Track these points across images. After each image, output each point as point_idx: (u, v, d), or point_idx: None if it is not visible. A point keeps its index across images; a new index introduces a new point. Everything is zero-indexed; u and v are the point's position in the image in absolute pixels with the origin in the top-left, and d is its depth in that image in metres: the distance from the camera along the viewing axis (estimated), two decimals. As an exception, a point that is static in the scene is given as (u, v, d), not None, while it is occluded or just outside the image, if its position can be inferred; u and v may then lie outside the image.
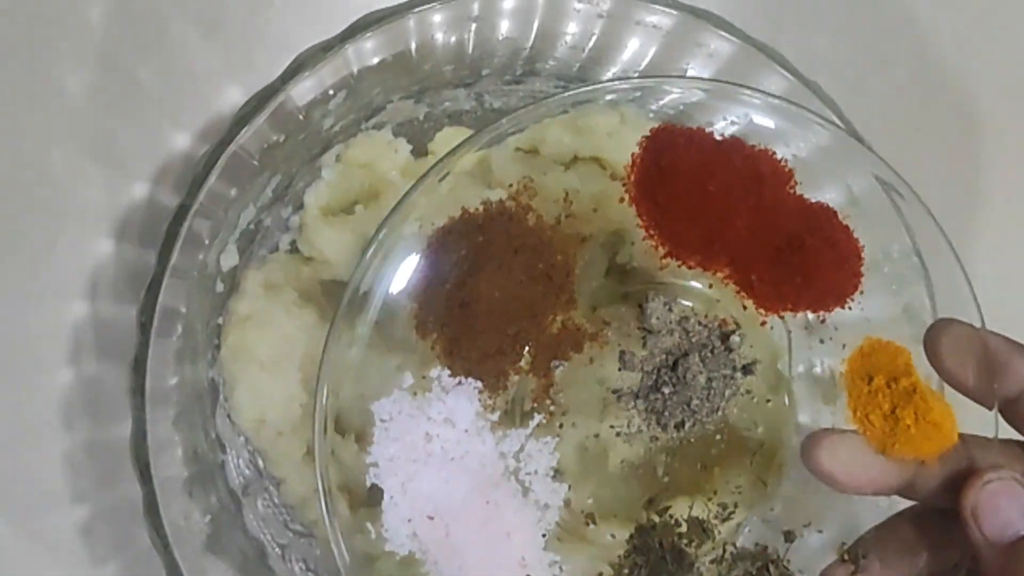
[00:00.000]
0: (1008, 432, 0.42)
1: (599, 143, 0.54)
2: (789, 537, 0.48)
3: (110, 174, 0.56)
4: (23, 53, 0.56)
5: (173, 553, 0.47)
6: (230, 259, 0.52)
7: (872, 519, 0.44)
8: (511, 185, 0.47)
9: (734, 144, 0.44)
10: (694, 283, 0.51)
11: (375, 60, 0.50)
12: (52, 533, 0.56)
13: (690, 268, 0.46)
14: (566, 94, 0.45)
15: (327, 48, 0.48)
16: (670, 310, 0.49)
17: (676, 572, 0.46)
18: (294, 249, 0.55)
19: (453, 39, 0.52)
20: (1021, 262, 0.63)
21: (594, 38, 0.52)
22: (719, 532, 0.48)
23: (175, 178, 0.57)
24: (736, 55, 0.51)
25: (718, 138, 0.44)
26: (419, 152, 0.55)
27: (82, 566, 0.56)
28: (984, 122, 0.63)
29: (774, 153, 0.44)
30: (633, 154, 0.44)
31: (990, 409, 0.41)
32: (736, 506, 0.50)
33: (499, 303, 0.44)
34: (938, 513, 0.41)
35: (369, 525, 0.44)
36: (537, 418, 0.47)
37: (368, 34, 0.49)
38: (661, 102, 0.52)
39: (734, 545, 0.47)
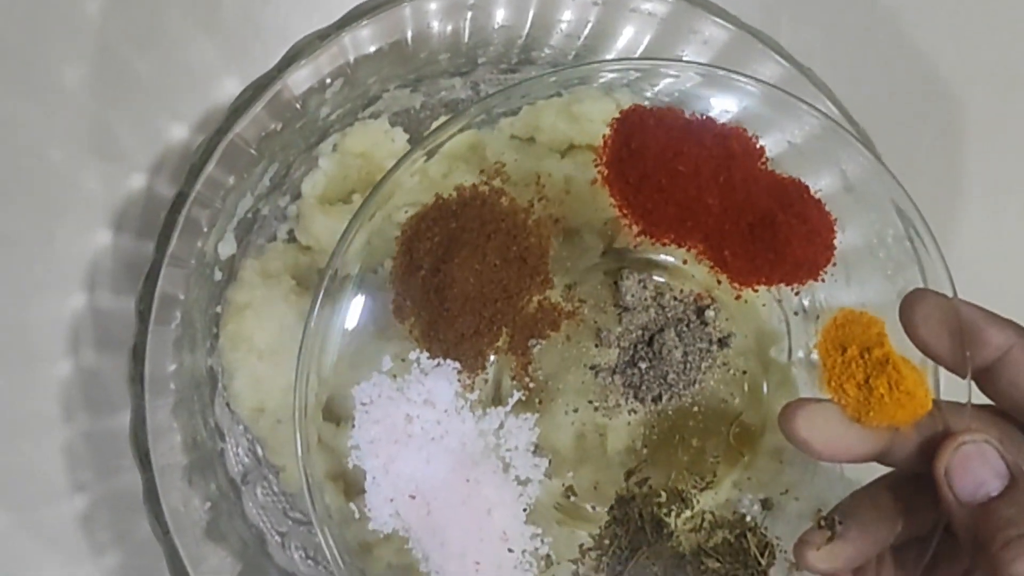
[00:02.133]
0: (983, 399, 0.43)
1: (595, 130, 0.54)
2: (766, 505, 0.49)
3: (108, 166, 0.57)
4: (21, 46, 0.56)
5: (173, 540, 0.47)
6: (228, 248, 0.52)
7: (848, 487, 0.44)
8: (482, 171, 0.48)
9: (704, 123, 0.44)
10: (669, 258, 0.52)
11: (371, 49, 0.50)
12: (52, 523, 0.56)
13: (664, 245, 0.46)
14: (558, 70, 0.45)
15: (323, 36, 0.49)
16: (644, 287, 0.51)
17: (655, 541, 0.47)
18: (292, 238, 0.55)
19: (449, 27, 0.52)
20: (1012, 244, 0.63)
21: (589, 26, 0.53)
22: (697, 501, 0.49)
23: (173, 169, 0.57)
24: (731, 42, 0.51)
25: (688, 117, 0.44)
26: (416, 141, 0.55)
27: (82, 556, 0.56)
28: (976, 108, 0.63)
29: (744, 130, 0.45)
30: (604, 135, 0.45)
31: (963, 378, 0.41)
32: (714, 475, 0.51)
33: (474, 287, 0.45)
34: (914, 479, 0.41)
35: (353, 506, 0.45)
36: (516, 395, 0.48)
37: (364, 22, 0.49)
38: (656, 88, 0.53)
39: (712, 514, 0.48)
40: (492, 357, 0.47)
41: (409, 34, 0.51)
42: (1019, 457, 0.39)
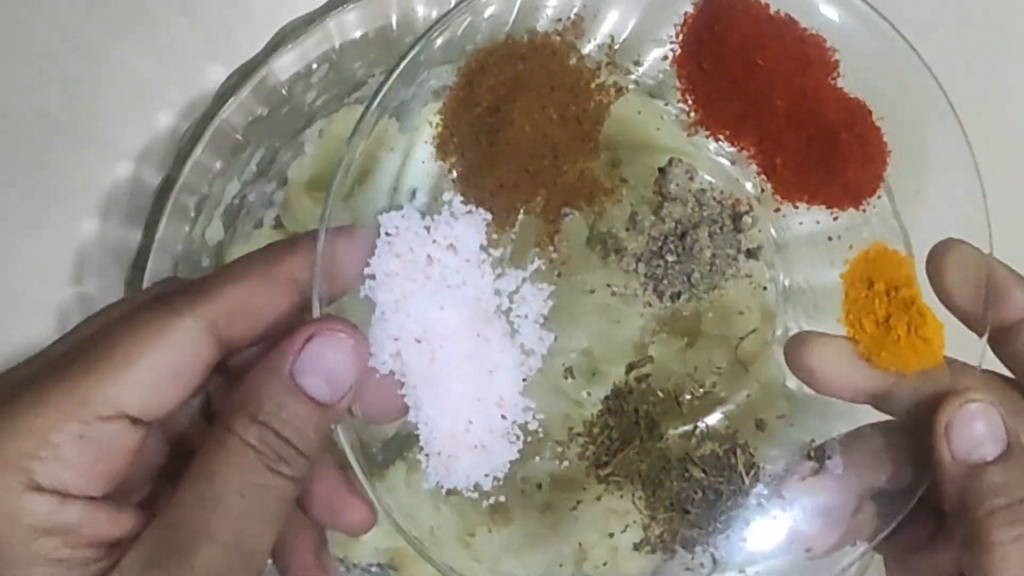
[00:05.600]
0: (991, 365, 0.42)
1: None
2: (760, 425, 0.48)
3: (95, 155, 0.57)
4: (3, 35, 0.56)
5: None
6: (215, 233, 0.52)
7: (845, 425, 0.44)
8: (559, 20, 0.46)
9: (787, 23, 0.43)
10: (716, 157, 0.50)
11: (357, 34, 0.51)
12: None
13: (717, 140, 0.45)
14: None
15: (309, 21, 0.49)
16: (691, 179, 0.49)
17: (646, 439, 0.46)
18: (278, 225, 0.55)
19: (434, 13, 0.52)
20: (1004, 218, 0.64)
21: (574, 11, 0.53)
22: (692, 408, 0.49)
23: (160, 158, 0.57)
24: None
25: (772, 14, 0.43)
26: (402, 128, 0.55)
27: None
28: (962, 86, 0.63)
29: (824, 40, 0.43)
30: (686, 13, 0.43)
31: (980, 335, 0.41)
32: (714, 386, 0.50)
33: (527, 137, 0.43)
34: (908, 431, 0.41)
35: None
36: (537, 262, 0.45)
37: (350, 7, 0.49)
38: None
39: (705, 424, 0.47)
40: (521, 217, 0.44)
41: (394, 19, 0.51)
42: (1020, 429, 0.39)
